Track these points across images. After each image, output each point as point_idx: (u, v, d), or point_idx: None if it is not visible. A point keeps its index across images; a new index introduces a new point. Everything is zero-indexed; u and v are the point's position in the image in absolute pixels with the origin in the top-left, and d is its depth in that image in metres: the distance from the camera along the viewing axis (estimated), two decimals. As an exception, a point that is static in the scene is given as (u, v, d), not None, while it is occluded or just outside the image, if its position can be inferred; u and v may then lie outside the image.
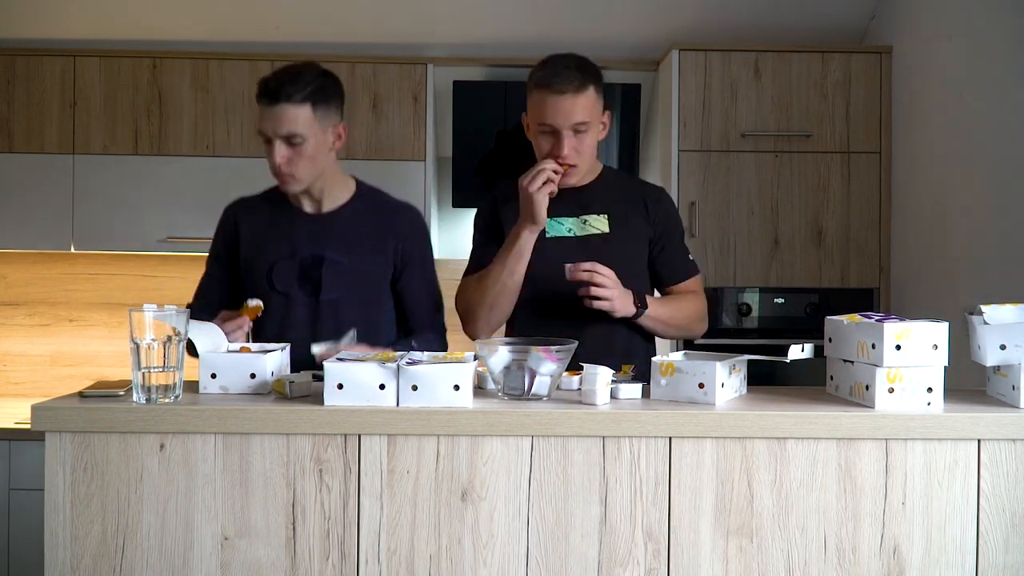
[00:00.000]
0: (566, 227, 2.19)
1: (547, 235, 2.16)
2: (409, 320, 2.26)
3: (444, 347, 2.29)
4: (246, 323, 2.01)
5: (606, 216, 2.18)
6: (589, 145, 2.13)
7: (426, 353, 1.75)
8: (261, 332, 2.15)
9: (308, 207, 2.21)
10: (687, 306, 2.22)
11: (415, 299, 2.25)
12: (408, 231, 2.23)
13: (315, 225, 2.19)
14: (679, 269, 2.24)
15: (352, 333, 2.06)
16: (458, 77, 3.49)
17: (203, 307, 2.16)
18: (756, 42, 3.37)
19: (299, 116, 2.05)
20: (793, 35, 3.43)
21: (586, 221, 2.18)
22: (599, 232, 2.17)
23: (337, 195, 2.21)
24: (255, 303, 2.05)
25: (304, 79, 2.07)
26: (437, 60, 3.45)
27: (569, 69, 2.07)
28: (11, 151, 3.34)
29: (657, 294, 2.27)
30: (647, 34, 3.44)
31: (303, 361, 1.96)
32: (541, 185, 2.04)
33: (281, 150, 2.07)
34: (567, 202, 2.18)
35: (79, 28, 3.41)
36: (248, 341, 2.03)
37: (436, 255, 2.51)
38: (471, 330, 2.22)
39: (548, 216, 2.12)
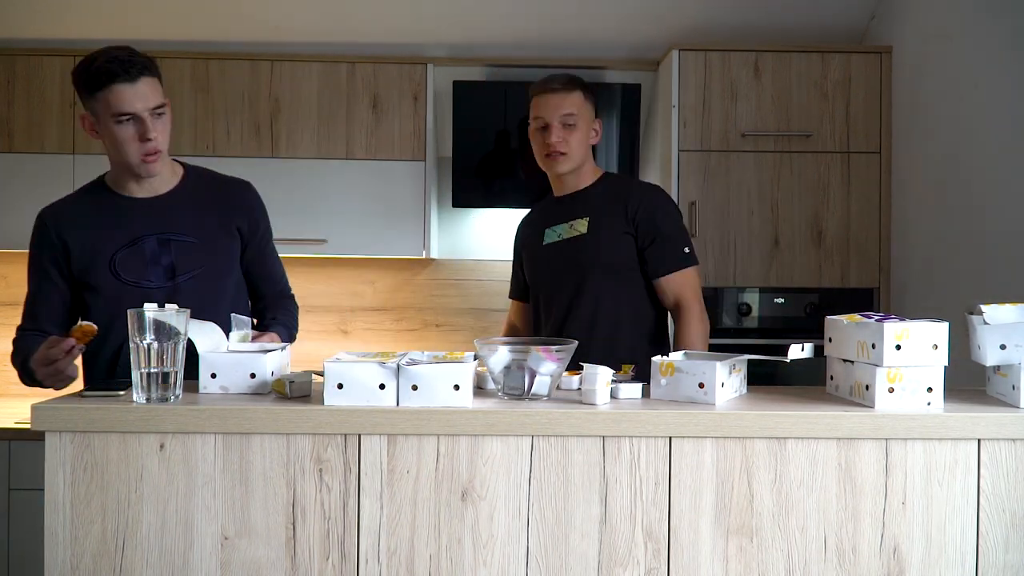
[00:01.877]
0: (557, 233, 2.44)
1: (543, 243, 2.45)
2: (263, 288, 2.26)
3: (296, 307, 2.33)
4: (73, 347, 1.81)
5: (587, 219, 2.40)
6: (578, 140, 2.38)
7: (426, 353, 1.75)
8: (113, 328, 2.00)
9: (139, 192, 2.13)
10: (688, 341, 2.33)
11: (270, 268, 2.26)
12: (250, 203, 2.23)
13: (152, 208, 2.11)
14: (661, 263, 2.37)
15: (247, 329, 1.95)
16: (458, 77, 3.49)
17: (38, 326, 2.12)
18: (756, 42, 3.37)
19: (157, 88, 2.03)
20: (793, 35, 3.43)
21: (571, 225, 2.42)
22: (580, 234, 2.40)
23: (168, 177, 2.16)
24: (88, 324, 1.80)
25: (136, 54, 2.03)
26: (437, 60, 3.45)
27: (558, 76, 2.41)
28: (11, 151, 3.34)
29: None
30: (647, 34, 3.44)
31: None
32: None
33: (156, 124, 2.02)
34: (562, 209, 2.45)
35: (79, 28, 3.41)
36: (73, 367, 1.91)
37: (436, 255, 2.55)
38: None
39: (546, 226, 2.46)
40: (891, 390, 1.61)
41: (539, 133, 2.39)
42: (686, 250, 2.38)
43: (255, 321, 2.20)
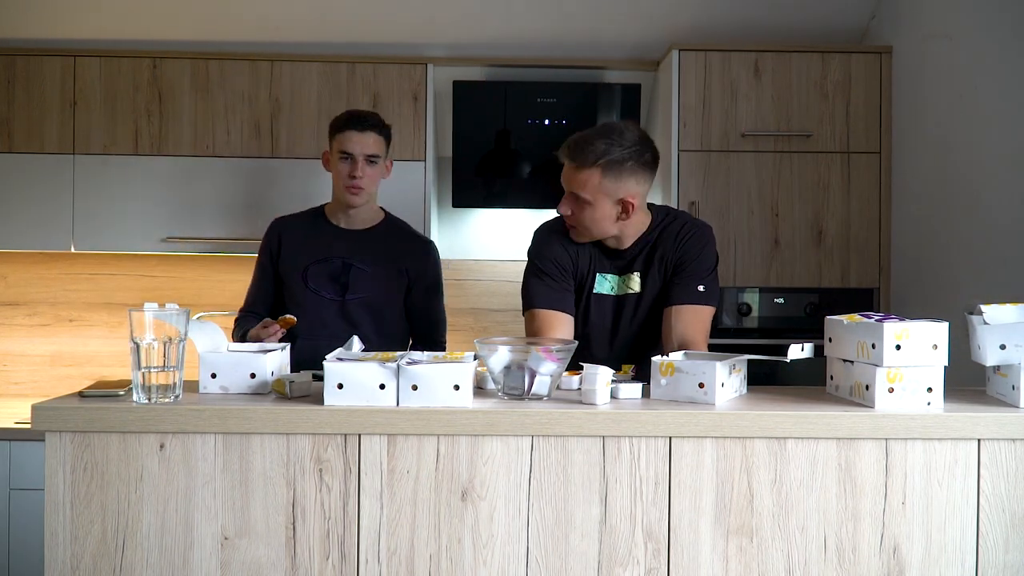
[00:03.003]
0: (610, 284, 2.29)
1: (594, 291, 2.27)
2: (416, 331, 2.74)
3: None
4: (278, 330, 2.34)
5: (639, 275, 2.27)
6: (593, 219, 2.16)
7: (426, 353, 1.75)
8: (296, 323, 2.48)
9: (344, 224, 2.69)
10: None
11: (425, 314, 2.73)
12: (423, 256, 2.73)
13: (347, 238, 2.68)
14: (678, 293, 2.22)
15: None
16: (458, 77, 3.49)
17: (251, 310, 2.70)
18: (756, 42, 3.37)
19: (378, 143, 2.63)
20: (793, 35, 3.43)
21: (626, 281, 2.28)
22: (633, 292, 2.27)
23: (368, 218, 2.71)
24: (289, 317, 2.36)
25: (378, 118, 2.66)
26: (437, 60, 3.45)
27: (578, 145, 2.14)
28: (11, 151, 3.34)
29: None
30: (647, 34, 3.44)
31: (329, 348, 1.94)
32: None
33: (365, 167, 2.60)
34: (614, 261, 2.28)
35: (79, 28, 3.41)
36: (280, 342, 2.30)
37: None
38: None
39: (598, 271, 2.27)
40: (891, 390, 1.61)
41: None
42: (701, 289, 2.22)
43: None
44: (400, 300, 2.69)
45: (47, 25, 3.41)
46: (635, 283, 2.27)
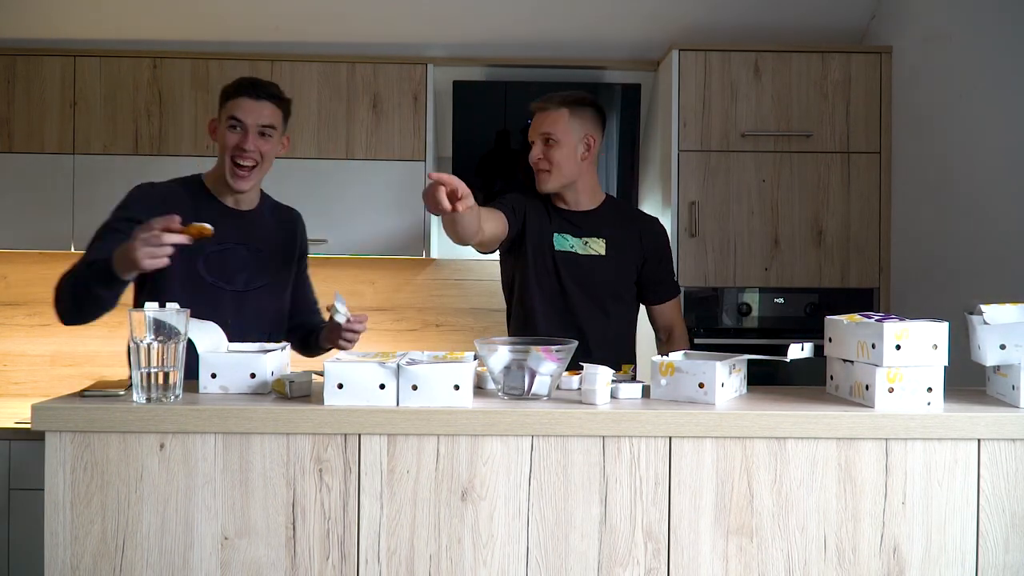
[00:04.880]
0: (569, 243, 2.49)
1: (555, 248, 2.48)
2: (300, 308, 2.45)
3: None
4: (181, 237, 1.82)
5: (604, 241, 2.50)
6: (562, 156, 2.44)
7: (426, 353, 1.75)
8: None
9: (231, 203, 2.31)
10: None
11: (305, 287, 2.51)
12: (303, 232, 2.48)
13: (241, 220, 2.31)
14: (663, 291, 2.58)
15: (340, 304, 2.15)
16: (458, 77, 3.49)
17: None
18: (756, 42, 3.37)
19: (275, 115, 2.27)
20: (793, 35, 3.43)
21: (587, 243, 2.49)
22: (597, 254, 2.49)
23: (254, 197, 2.36)
24: (207, 227, 1.84)
25: (277, 88, 2.31)
26: (437, 60, 3.45)
27: (547, 96, 2.48)
28: (11, 151, 3.34)
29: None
30: (647, 34, 3.44)
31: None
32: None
33: (256, 139, 2.23)
34: (573, 224, 2.51)
35: (79, 28, 3.41)
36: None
37: (436, 255, 2.55)
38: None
39: (555, 231, 2.49)
40: (891, 390, 1.61)
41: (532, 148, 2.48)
42: (675, 279, 2.63)
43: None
44: (291, 281, 2.41)
45: (47, 25, 3.41)
46: (599, 246, 2.50)
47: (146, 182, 2.32)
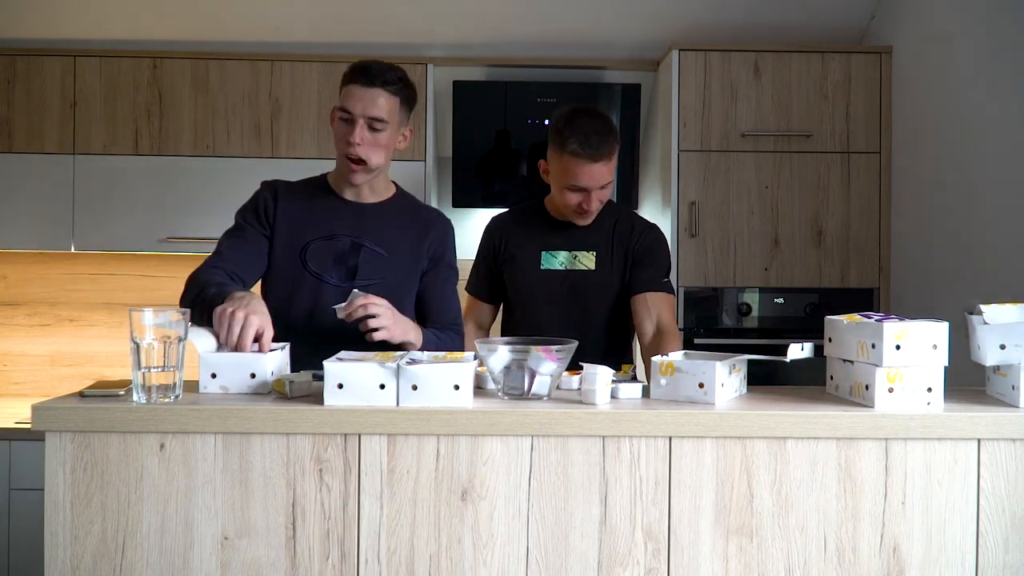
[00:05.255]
0: (558, 260, 2.46)
1: (540, 267, 2.46)
2: (430, 318, 2.27)
3: (462, 347, 2.32)
4: (252, 345, 1.78)
5: (593, 254, 2.45)
6: (607, 194, 2.41)
7: (426, 353, 1.75)
8: (290, 310, 2.14)
9: (350, 196, 2.23)
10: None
11: (441, 298, 2.30)
12: (442, 236, 2.31)
13: (356, 214, 2.22)
14: (644, 281, 2.43)
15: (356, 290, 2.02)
16: (458, 77, 3.49)
17: (225, 269, 2.08)
18: (756, 42, 3.37)
19: (389, 103, 2.12)
20: (793, 35, 3.43)
21: (576, 256, 2.45)
22: (585, 268, 2.45)
23: (380, 191, 2.26)
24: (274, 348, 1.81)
25: (397, 72, 2.14)
26: (437, 60, 3.45)
27: (602, 135, 2.31)
28: (11, 151, 3.35)
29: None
30: (647, 34, 3.44)
31: (328, 340, 1.90)
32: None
33: (363, 132, 2.11)
34: (563, 236, 2.47)
35: (79, 28, 3.41)
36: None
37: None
38: None
39: (544, 250, 2.47)
40: (891, 390, 1.61)
41: (571, 192, 2.36)
42: (666, 280, 2.47)
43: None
44: (414, 286, 2.26)
45: (47, 25, 3.41)
46: (589, 260, 2.44)
47: (270, 180, 2.28)
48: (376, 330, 1.97)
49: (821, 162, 3.26)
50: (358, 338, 1.96)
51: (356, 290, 2.02)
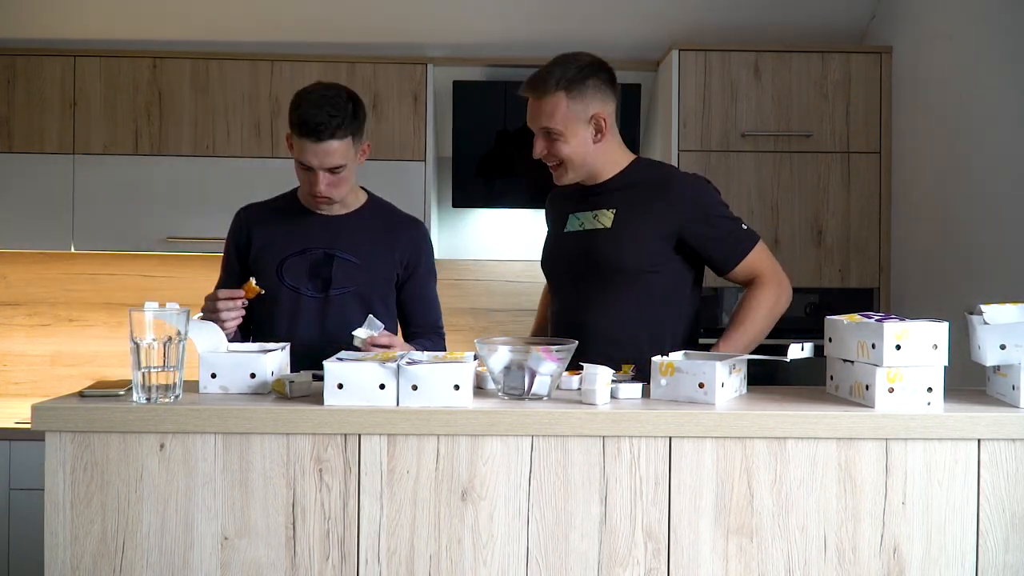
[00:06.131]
0: (579, 221, 2.21)
1: (564, 230, 2.24)
2: (412, 323, 2.38)
3: (444, 348, 2.41)
4: (241, 297, 2.11)
5: (613, 211, 2.15)
6: (565, 151, 2.11)
7: (426, 353, 1.75)
8: (270, 323, 2.27)
9: (323, 210, 2.30)
10: (749, 322, 2.11)
11: (422, 303, 2.38)
12: (416, 242, 2.37)
13: (327, 225, 2.30)
14: (727, 256, 2.13)
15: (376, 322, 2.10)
16: (458, 77, 3.49)
17: None
18: (756, 42, 3.37)
19: (342, 147, 2.17)
20: (793, 35, 3.43)
21: (596, 216, 2.18)
22: (602, 227, 2.15)
23: (350, 201, 2.33)
24: (254, 283, 2.14)
25: (341, 111, 2.14)
26: (437, 60, 3.45)
27: (536, 78, 2.11)
28: (11, 151, 3.34)
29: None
30: (647, 34, 3.44)
31: (310, 351, 2.05)
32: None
33: (325, 179, 2.18)
34: (588, 197, 2.20)
35: (79, 28, 3.41)
36: (242, 323, 2.17)
37: (436, 255, 2.53)
38: None
39: (571, 211, 2.23)
40: (891, 390, 1.61)
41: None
42: (744, 227, 2.15)
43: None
44: (392, 292, 2.34)
45: (47, 25, 3.41)
46: (606, 218, 2.15)
47: (243, 207, 2.40)
48: None
49: (821, 162, 3.26)
50: (341, 350, 1.95)
51: (371, 316, 2.11)
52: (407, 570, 1.59)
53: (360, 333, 2.03)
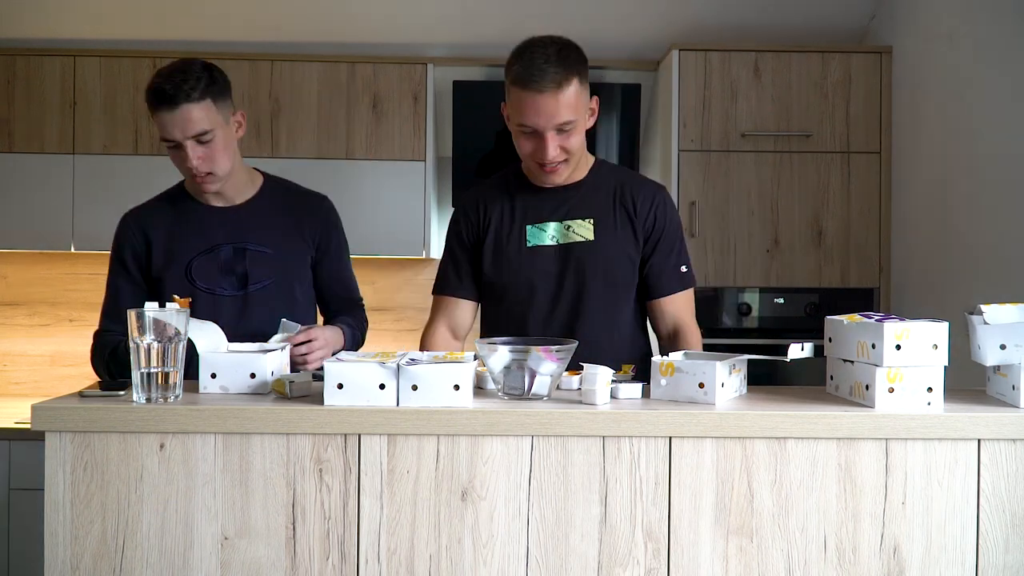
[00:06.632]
0: (548, 234, 2.06)
1: (528, 244, 2.06)
2: (332, 302, 2.31)
3: (365, 320, 2.37)
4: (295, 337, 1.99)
5: (591, 221, 2.04)
6: (576, 143, 1.99)
7: (426, 353, 1.75)
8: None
9: (217, 201, 2.18)
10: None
11: (340, 281, 2.30)
12: (324, 217, 2.26)
13: (230, 217, 2.18)
14: (665, 283, 2.08)
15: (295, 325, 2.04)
16: (458, 77, 3.50)
17: (119, 324, 1.99)
18: (756, 42, 3.37)
19: (203, 111, 2.03)
20: (793, 35, 3.43)
21: (569, 227, 2.05)
22: (583, 239, 2.04)
23: (245, 188, 2.21)
24: (183, 300, 1.87)
25: (194, 75, 2.03)
26: (437, 60, 3.46)
27: (549, 63, 1.90)
28: (11, 151, 3.35)
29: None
30: (647, 34, 3.44)
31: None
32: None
33: (195, 151, 2.04)
34: (551, 204, 2.06)
35: (79, 28, 3.41)
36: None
37: (436, 255, 2.53)
38: None
39: (530, 223, 2.06)
40: (891, 390, 1.61)
41: (525, 136, 2.00)
42: (684, 269, 2.10)
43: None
44: (309, 273, 2.24)
45: (47, 25, 3.41)
46: (585, 230, 2.03)
47: (128, 212, 2.24)
48: (308, 365, 2.00)
49: (821, 162, 3.26)
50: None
51: (285, 319, 2.04)
52: (407, 570, 1.59)
53: (276, 340, 1.94)
